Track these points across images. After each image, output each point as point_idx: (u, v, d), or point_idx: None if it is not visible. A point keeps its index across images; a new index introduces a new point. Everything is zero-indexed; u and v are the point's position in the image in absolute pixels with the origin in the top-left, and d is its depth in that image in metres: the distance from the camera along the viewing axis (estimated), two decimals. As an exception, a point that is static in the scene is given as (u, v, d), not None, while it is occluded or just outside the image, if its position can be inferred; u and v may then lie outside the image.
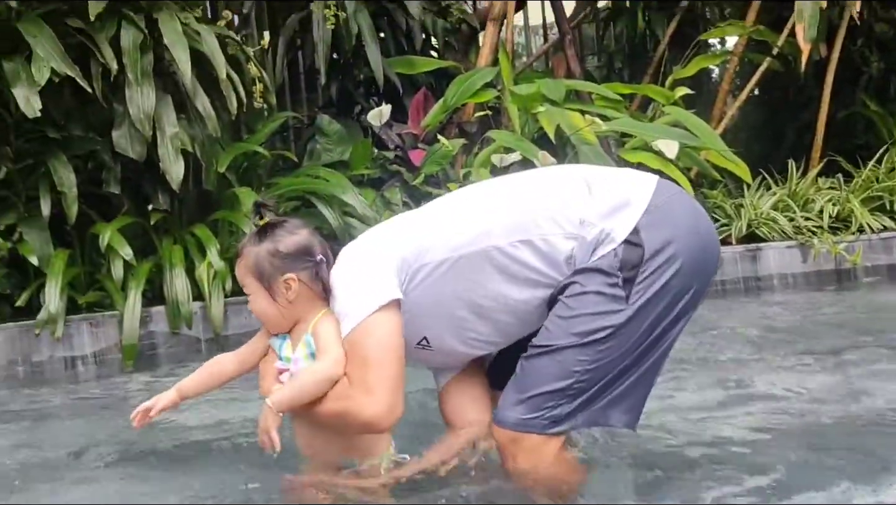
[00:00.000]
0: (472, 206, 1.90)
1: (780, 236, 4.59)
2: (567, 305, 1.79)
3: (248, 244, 1.90)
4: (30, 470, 2.17)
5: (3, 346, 3.63)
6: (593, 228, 1.79)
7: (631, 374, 1.81)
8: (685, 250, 1.80)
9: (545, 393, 1.77)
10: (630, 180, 1.89)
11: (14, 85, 3.53)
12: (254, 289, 1.88)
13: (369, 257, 1.85)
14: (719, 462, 1.86)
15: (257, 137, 4.45)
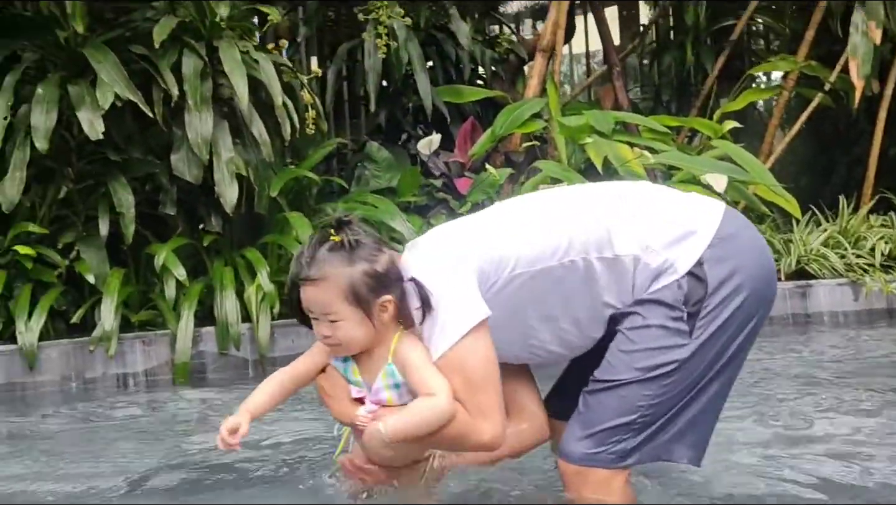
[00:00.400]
0: (547, 216, 1.86)
1: (830, 273, 4.52)
2: (629, 339, 1.79)
3: (333, 266, 1.71)
4: (81, 488, 2.21)
5: (58, 361, 3.72)
6: (657, 256, 1.78)
7: (694, 407, 1.80)
8: (750, 283, 1.79)
9: (610, 428, 1.77)
10: (698, 207, 1.86)
11: (79, 108, 3.66)
12: (345, 314, 1.72)
13: (453, 271, 1.75)
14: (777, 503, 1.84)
15: (308, 163, 4.53)
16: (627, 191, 1.93)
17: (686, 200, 1.89)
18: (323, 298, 1.72)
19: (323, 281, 1.71)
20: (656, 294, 1.78)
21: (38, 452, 2.68)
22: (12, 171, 3.69)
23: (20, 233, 3.83)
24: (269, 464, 2.37)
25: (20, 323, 3.63)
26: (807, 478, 2.04)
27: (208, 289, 4.00)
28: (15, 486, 2.30)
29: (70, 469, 2.45)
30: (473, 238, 1.82)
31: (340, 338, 1.75)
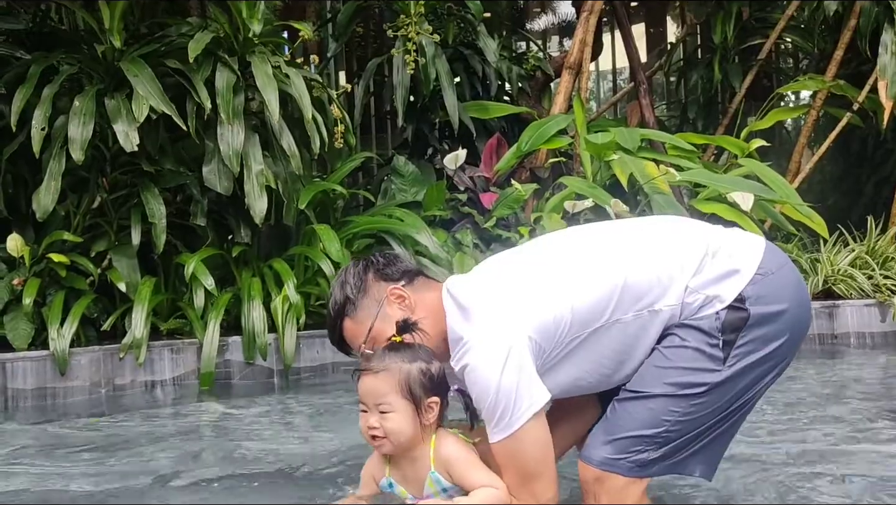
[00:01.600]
0: (596, 264, 1.86)
1: (857, 294, 4.49)
2: (664, 356, 1.83)
3: (393, 360, 1.82)
4: (107, 492, 2.24)
5: (88, 368, 3.79)
6: (699, 296, 1.83)
7: (716, 429, 1.85)
8: (791, 323, 1.84)
9: (633, 437, 1.81)
10: (739, 245, 1.89)
11: (115, 121, 3.74)
12: (398, 406, 1.81)
13: (509, 355, 1.77)
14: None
15: (336, 176, 4.59)
16: (673, 233, 1.93)
17: (729, 238, 1.91)
18: (379, 387, 1.82)
19: (383, 372, 1.82)
20: (695, 321, 1.83)
21: (68, 454, 2.74)
22: (48, 180, 3.77)
23: (54, 241, 3.92)
24: (292, 474, 2.39)
25: (52, 329, 3.70)
26: (825, 497, 2.03)
27: (236, 299, 4.06)
28: (47, 484, 2.34)
29: (99, 470, 2.50)
30: (527, 303, 1.82)
31: (388, 429, 1.82)
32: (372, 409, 1.82)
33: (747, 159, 4.70)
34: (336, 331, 1.97)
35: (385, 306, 1.92)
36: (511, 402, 1.76)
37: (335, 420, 3.12)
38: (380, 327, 1.91)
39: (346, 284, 1.95)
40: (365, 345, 1.91)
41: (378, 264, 1.98)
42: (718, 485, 1.98)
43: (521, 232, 4.42)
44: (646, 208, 4.40)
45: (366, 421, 1.83)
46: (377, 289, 1.93)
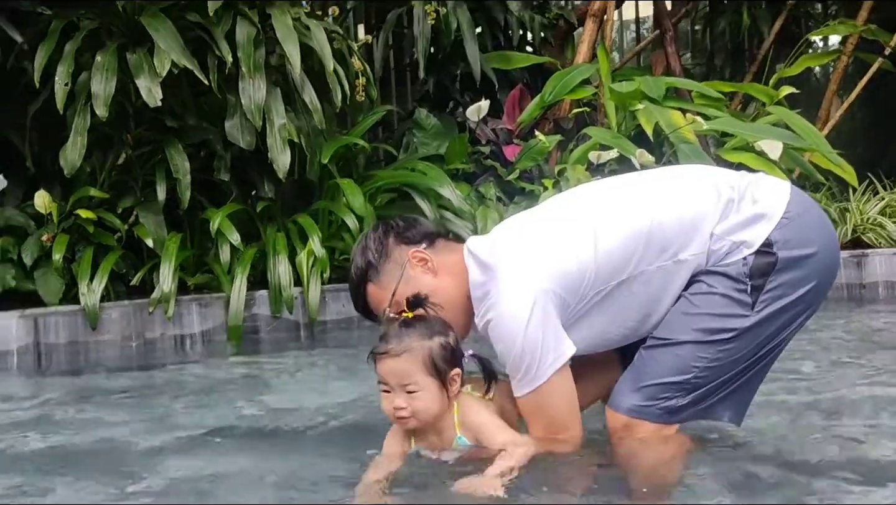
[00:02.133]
0: (619, 216, 1.84)
1: (887, 242, 4.43)
2: (692, 303, 1.82)
3: (413, 339, 1.80)
4: (131, 444, 2.29)
5: (119, 322, 3.85)
6: (725, 242, 1.81)
7: (745, 375, 1.85)
8: (820, 268, 1.83)
9: (662, 384, 1.81)
10: (765, 190, 1.86)
11: (137, 76, 3.73)
12: (424, 384, 1.79)
13: (534, 310, 1.76)
14: (820, 469, 1.83)
15: (358, 130, 4.57)
16: (695, 182, 1.90)
17: (753, 183, 1.88)
18: (404, 368, 1.79)
19: (406, 353, 1.79)
20: (722, 267, 1.81)
21: (99, 405, 2.79)
22: (73, 136, 3.79)
23: (81, 197, 3.95)
24: (318, 427, 2.41)
25: (83, 285, 3.76)
26: (849, 443, 2.02)
27: (261, 254, 4.09)
28: (79, 435, 2.40)
29: (129, 418, 2.56)
30: (550, 258, 1.81)
31: (416, 408, 1.80)
32: (397, 389, 1.80)
33: (776, 107, 4.61)
34: (360, 297, 1.97)
35: (408, 269, 1.91)
36: (537, 355, 1.77)
37: (361, 373, 3.15)
38: (403, 291, 1.90)
39: (368, 250, 1.94)
40: (390, 309, 1.91)
41: (398, 228, 1.98)
42: (743, 433, 1.98)
43: (545, 184, 4.39)
44: (671, 158, 4.34)
45: (390, 402, 1.81)
46: (399, 252, 1.93)
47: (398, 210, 4.51)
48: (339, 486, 1.85)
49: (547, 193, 4.26)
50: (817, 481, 1.74)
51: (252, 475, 1.95)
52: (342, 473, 1.92)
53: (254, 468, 2.00)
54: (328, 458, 2.06)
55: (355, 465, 1.92)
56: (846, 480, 1.72)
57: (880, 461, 1.88)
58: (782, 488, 1.72)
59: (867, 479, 1.74)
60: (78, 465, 2.12)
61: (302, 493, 1.81)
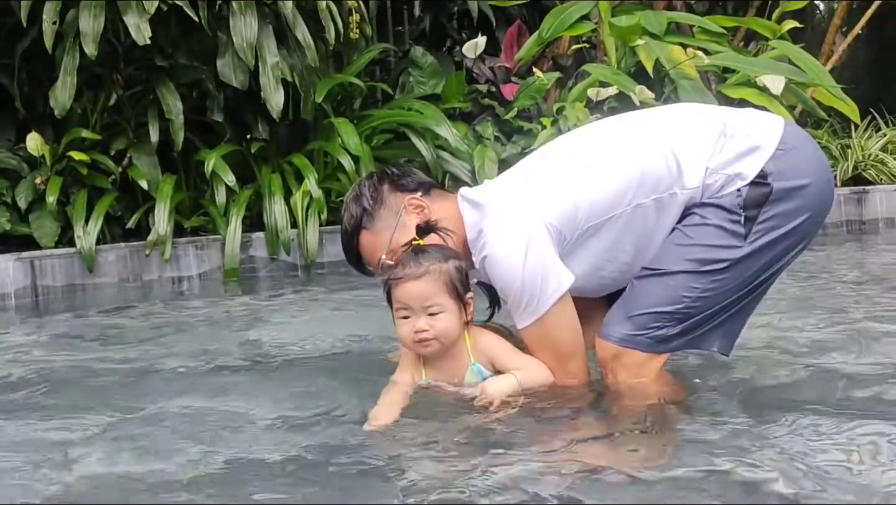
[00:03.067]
0: (614, 154, 1.84)
1: (888, 179, 4.40)
2: (685, 234, 1.81)
3: (431, 262, 1.79)
4: (135, 381, 2.30)
5: (116, 264, 3.84)
6: (719, 176, 1.80)
7: (736, 305, 1.85)
8: (814, 199, 1.82)
9: (653, 313, 1.81)
10: (759, 123, 1.86)
11: (125, 13, 3.65)
12: (448, 306, 1.80)
13: (531, 242, 1.76)
14: (815, 400, 1.83)
15: (353, 69, 4.49)
16: (690, 117, 1.89)
17: (746, 117, 1.88)
18: (426, 290, 1.79)
19: (426, 275, 1.79)
20: (716, 199, 1.80)
21: (98, 344, 2.80)
22: (63, 76, 3.73)
23: (73, 139, 3.90)
24: (326, 360, 2.42)
25: (78, 228, 3.74)
26: (846, 372, 2.02)
27: (257, 195, 4.06)
28: (74, 371, 2.41)
29: (132, 355, 2.56)
30: (544, 193, 1.81)
31: (439, 330, 1.80)
32: (419, 312, 1.79)
33: (779, 41, 4.53)
34: (353, 247, 1.94)
35: (403, 216, 1.89)
36: (537, 286, 1.76)
37: (361, 310, 3.15)
38: (399, 238, 1.88)
39: (362, 197, 1.91)
40: (386, 256, 1.89)
41: (393, 175, 1.96)
42: (732, 364, 1.98)
43: (544, 123, 4.33)
44: (672, 95, 4.27)
45: (412, 326, 1.80)
46: (394, 199, 1.91)
47: (394, 150, 4.47)
48: (343, 421, 1.84)
49: (545, 132, 4.21)
50: (797, 414, 1.73)
51: (255, 410, 1.95)
52: (349, 404, 1.92)
53: (256, 403, 2.00)
54: (334, 391, 2.05)
55: (361, 399, 1.91)
56: (825, 413, 1.72)
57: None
58: (767, 414, 1.72)
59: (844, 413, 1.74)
60: (78, 400, 2.13)
61: (308, 428, 1.80)
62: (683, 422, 1.71)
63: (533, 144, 4.21)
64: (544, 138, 4.17)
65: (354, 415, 1.84)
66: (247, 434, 1.79)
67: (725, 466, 1.46)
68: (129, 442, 1.76)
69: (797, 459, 1.48)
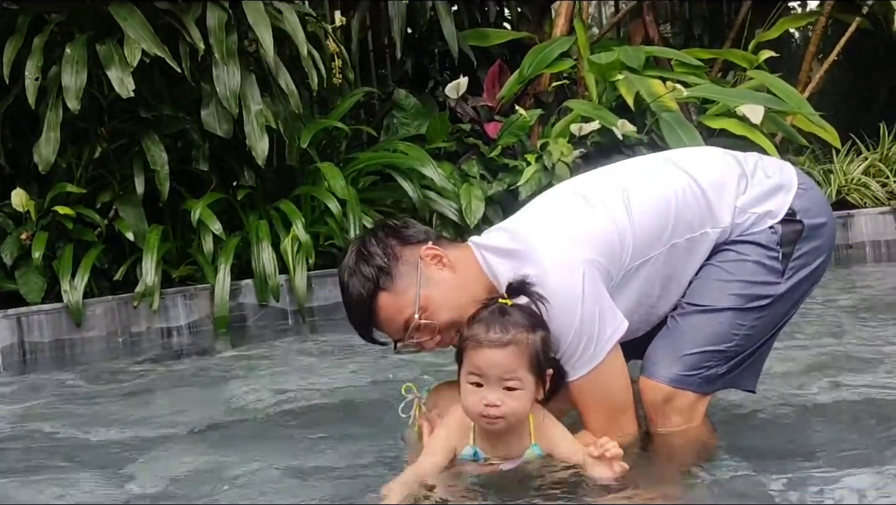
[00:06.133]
0: (647, 196, 1.79)
1: (871, 202, 4.43)
2: (725, 270, 1.80)
3: (519, 331, 1.60)
4: (128, 439, 2.26)
5: (103, 318, 3.80)
6: (749, 215, 1.81)
7: (770, 343, 1.86)
8: (830, 237, 1.87)
9: (705, 352, 1.76)
10: (771, 164, 1.89)
11: (108, 67, 3.67)
12: (527, 383, 1.60)
13: (585, 279, 1.66)
14: (820, 427, 1.83)
15: (337, 113, 4.52)
16: (714, 159, 1.89)
17: (762, 159, 1.91)
18: (509, 362, 1.59)
19: (512, 345, 1.59)
20: (750, 236, 1.80)
21: (88, 403, 2.76)
22: (46, 131, 3.73)
23: (59, 194, 3.89)
24: (320, 410, 2.38)
25: (65, 282, 3.71)
26: (855, 401, 2.02)
27: (245, 242, 4.05)
28: (68, 430, 2.37)
29: (122, 417, 2.52)
30: (587, 232, 1.73)
31: (510, 408, 1.59)
32: (495, 384, 1.58)
33: (756, 71, 4.59)
34: (368, 314, 1.74)
35: (423, 269, 1.74)
36: (595, 330, 1.66)
37: (353, 356, 3.12)
38: (427, 294, 1.72)
39: (373, 256, 1.74)
40: (420, 316, 1.72)
41: (396, 228, 1.81)
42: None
43: (528, 159, 4.36)
44: (654, 128, 4.32)
45: (482, 397, 1.58)
46: (409, 253, 1.76)
47: (381, 192, 4.49)
48: (344, 478, 1.79)
49: (530, 168, 4.24)
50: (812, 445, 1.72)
51: (250, 467, 1.91)
52: (348, 463, 1.86)
53: (252, 460, 1.96)
54: (333, 447, 2.01)
55: (363, 454, 1.87)
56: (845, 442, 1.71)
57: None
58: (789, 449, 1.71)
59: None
60: (71, 464, 2.09)
61: (309, 484, 1.76)
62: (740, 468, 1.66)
63: (519, 181, 4.24)
64: (529, 175, 4.20)
65: (351, 470, 1.80)
66: (246, 490, 1.75)
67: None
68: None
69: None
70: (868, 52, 5.94)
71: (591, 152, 4.25)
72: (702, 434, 1.79)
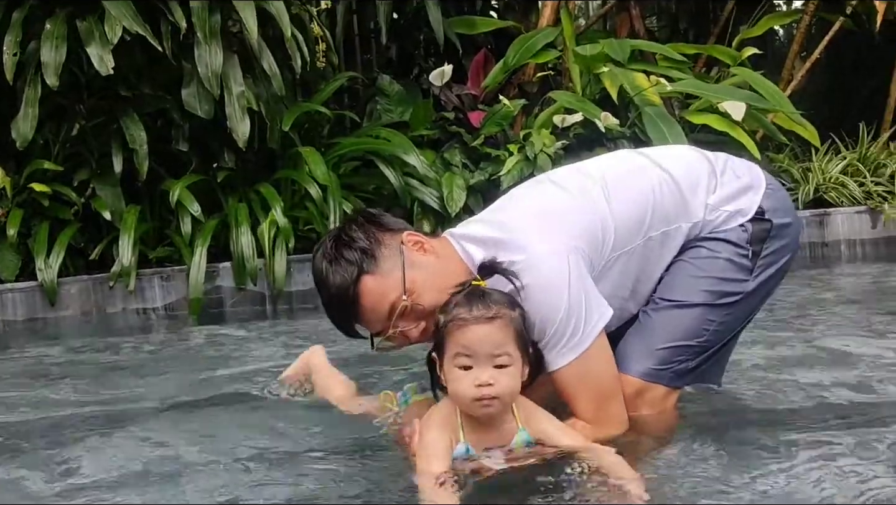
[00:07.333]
0: (627, 189, 1.80)
1: (848, 201, 4.47)
2: (697, 267, 1.82)
3: (501, 306, 1.56)
4: (96, 418, 2.25)
5: (78, 297, 3.78)
6: (720, 213, 1.83)
7: (736, 339, 1.89)
8: (795, 237, 1.90)
9: (677, 347, 1.79)
10: (740, 164, 1.92)
11: (88, 44, 3.62)
12: (516, 359, 1.56)
13: (571, 265, 1.66)
14: (795, 420, 1.86)
15: (320, 97, 4.49)
16: (686, 156, 1.91)
17: (730, 158, 1.93)
18: (497, 335, 1.54)
19: (498, 319, 1.55)
20: (721, 234, 1.83)
21: (59, 381, 2.73)
22: (25, 107, 3.68)
23: (35, 170, 3.85)
24: (300, 398, 2.36)
25: (39, 260, 3.67)
26: (820, 394, 2.05)
27: (223, 225, 4.02)
28: (43, 412, 2.35)
29: (96, 397, 2.50)
30: (571, 222, 1.72)
31: (504, 387, 1.54)
32: (484, 362, 1.53)
33: (739, 68, 4.61)
34: (349, 303, 1.68)
35: (407, 254, 1.71)
36: (581, 316, 1.65)
37: (330, 341, 3.12)
38: (413, 277, 1.68)
39: (355, 240, 1.70)
40: (408, 298, 1.68)
41: (375, 216, 1.79)
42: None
43: (511, 149, 4.35)
44: (637, 121, 4.33)
45: (474, 379, 1.52)
46: (390, 238, 1.73)
47: (362, 178, 4.47)
48: (312, 459, 1.78)
49: (512, 159, 4.24)
50: (783, 435, 1.75)
51: (218, 448, 1.90)
52: (320, 441, 1.87)
53: (225, 440, 1.95)
54: (304, 427, 2.00)
55: (334, 436, 1.87)
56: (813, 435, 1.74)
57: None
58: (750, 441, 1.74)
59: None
60: (39, 442, 2.07)
61: (280, 468, 1.74)
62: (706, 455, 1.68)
63: (501, 171, 4.24)
64: (511, 165, 4.20)
65: (326, 453, 1.79)
66: (215, 473, 1.74)
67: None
68: (91, 482, 1.72)
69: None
70: (851, 52, 5.99)
71: (573, 144, 4.26)
72: (671, 424, 1.82)
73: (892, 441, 1.66)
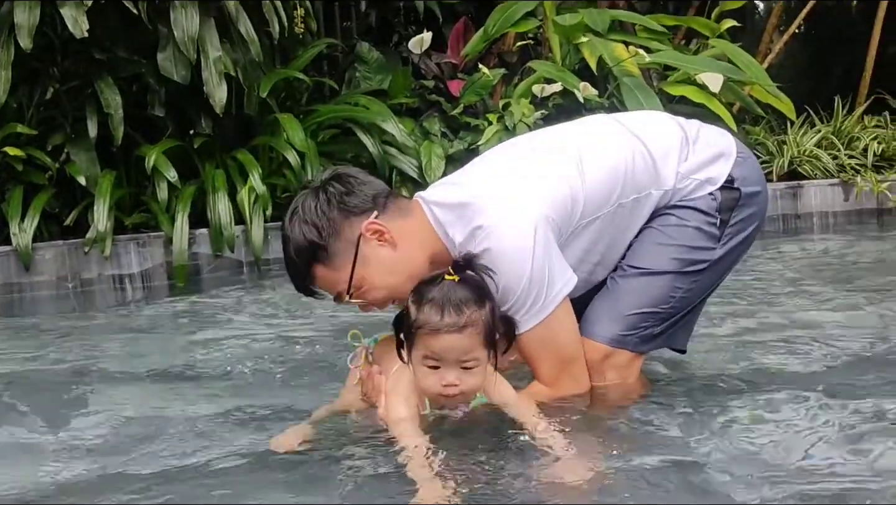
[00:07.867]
0: (600, 154, 1.80)
1: (822, 174, 4.53)
2: (666, 234, 1.84)
3: (472, 309, 1.57)
4: (73, 382, 2.25)
5: (53, 263, 3.75)
6: (690, 181, 1.84)
7: (701, 306, 1.93)
8: (763, 206, 1.92)
9: (643, 313, 1.82)
10: (713, 132, 1.93)
11: (62, 5, 3.56)
12: (482, 359, 1.60)
13: (536, 231, 1.67)
14: (758, 386, 1.91)
15: (298, 63, 4.45)
16: (660, 122, 1.93)
17: (704, 126, 1.94)
18: (466, 345, 1.57)
19: (468, 327, 1.57)
20: (691, 202, 1.84)
21: (42, 344, 2.73)
22: (-3, 70, 3.62)
23: (9, 134, 3.79)
24: (277, 364, 2.39)
25: (13, 225, 3.64)
26: (788, 362, 2.10)
27: (200, 191, 4.00)
28: (21, 367, 2.35)
29: (70, 363, 2.50)
30: (540, 187, 1.73)
31: (469, 386, 1.60)
32: (452, 365, 1.58)
33: (718, 40, 4.62)
34: (303, 278, 1.72)
35: (363, 247, 1.70)
36: (544, 283, 1.68)
37: (306, 308, 3.13)
38: (363, 274, 1.70)
39: (310, 227, 1.68)
40: (352, 296, 1.71)
41: (340, 196, 1.71)
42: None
43: (490, 119, 4.36)
44: (615, 92, 4.34)
45: (440, 378, 1.58)
46: (349, 228, 1.70)
47: (340, 145, 4.45)
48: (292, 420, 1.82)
49: (491, 128, 4.24)
50: (751, 401, 1.79)
51: (196, 413, 1.92)
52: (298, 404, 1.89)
53: (200, 406, 1.97)
54: (279, 392, 2.04)
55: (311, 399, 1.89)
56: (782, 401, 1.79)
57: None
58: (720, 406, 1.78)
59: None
60: (17, 405, 2.07)
61: (256, 431, 1.77)
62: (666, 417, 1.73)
63: (480, 140, 4.24)
64: (490, 134, 4.20)
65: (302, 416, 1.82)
66: (195, 436, 1.76)
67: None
68: (67, 446, 1.73)
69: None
70: (828, 26, 6.03)
71: (552, 114, 4.26)
72: (637, 389, 1.86)
73: (854, 408, 1.71)
